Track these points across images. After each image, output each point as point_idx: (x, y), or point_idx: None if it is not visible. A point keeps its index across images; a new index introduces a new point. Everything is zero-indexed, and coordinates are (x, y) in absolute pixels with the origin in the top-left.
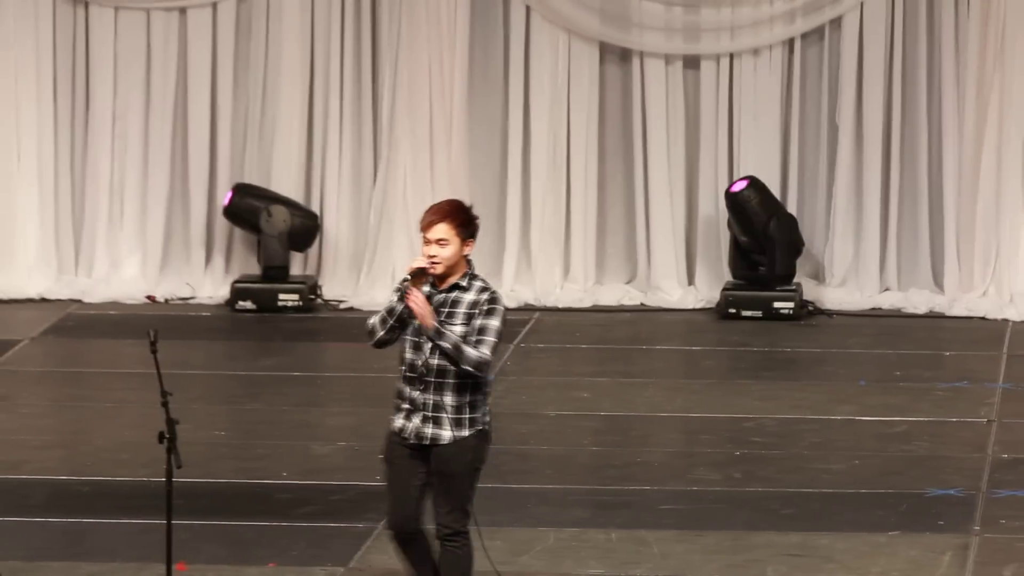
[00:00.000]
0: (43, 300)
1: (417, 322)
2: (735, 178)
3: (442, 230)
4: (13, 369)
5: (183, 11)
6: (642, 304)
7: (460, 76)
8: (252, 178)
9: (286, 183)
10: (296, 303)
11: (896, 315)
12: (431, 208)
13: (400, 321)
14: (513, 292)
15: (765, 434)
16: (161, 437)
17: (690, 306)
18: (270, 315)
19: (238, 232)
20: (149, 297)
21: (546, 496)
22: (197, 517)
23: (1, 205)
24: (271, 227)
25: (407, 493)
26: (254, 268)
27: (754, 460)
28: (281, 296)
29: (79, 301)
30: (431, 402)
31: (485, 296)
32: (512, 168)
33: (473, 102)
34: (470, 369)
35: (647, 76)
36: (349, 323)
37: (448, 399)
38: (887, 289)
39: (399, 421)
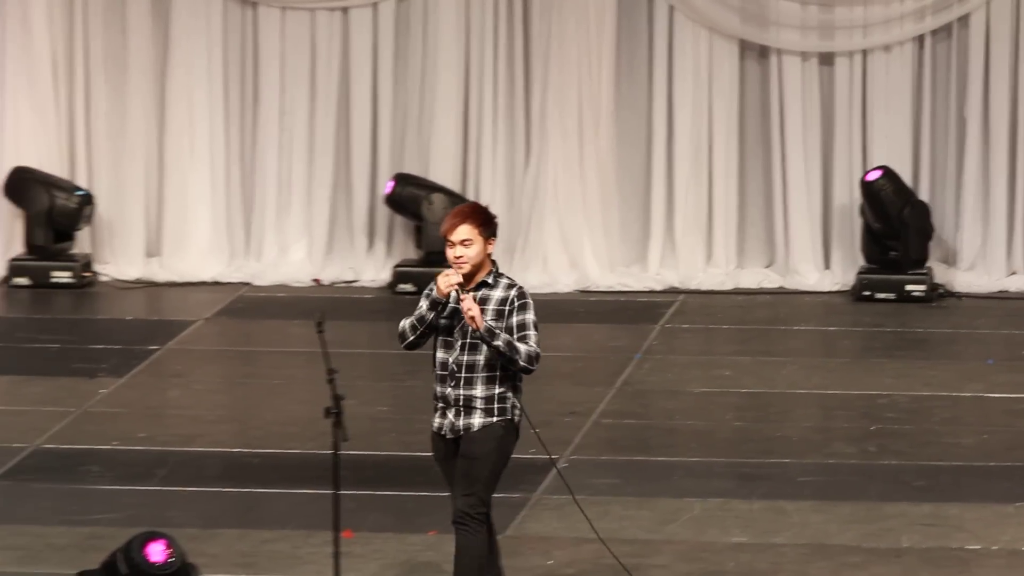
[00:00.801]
0: (216, 283)
1: (452, 323)
2: (868, 168)
3: (465, 231)
4: (188, 348)
5: (345, 11)
6: (781, 287)
7: (607, 71)
8: (411, 168)
9: (443, 172)
10: None
11: (1022, 297)
12: (452, 212)
13: (430, 327)
14: (659, 276)
15: (898, 410)
16: (328, 412)
17: (826, 288)
18: (366, 300)
19: (399, 219)
20: (315, 280)
21: (691, 468)
22: (362, 487)
23: (176, 195)
24: (432, 214)
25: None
26: (413, 253)
27: (888, 435)
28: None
29: (249, 284)
30: (463, 397)
31: (514, 292)
32: (657, 158)
33: (620, 96)
34: (523, 364)
35: (784, 72)
36: None
37: (478, 392)
38: (1014, 272)
39: (437, 420)
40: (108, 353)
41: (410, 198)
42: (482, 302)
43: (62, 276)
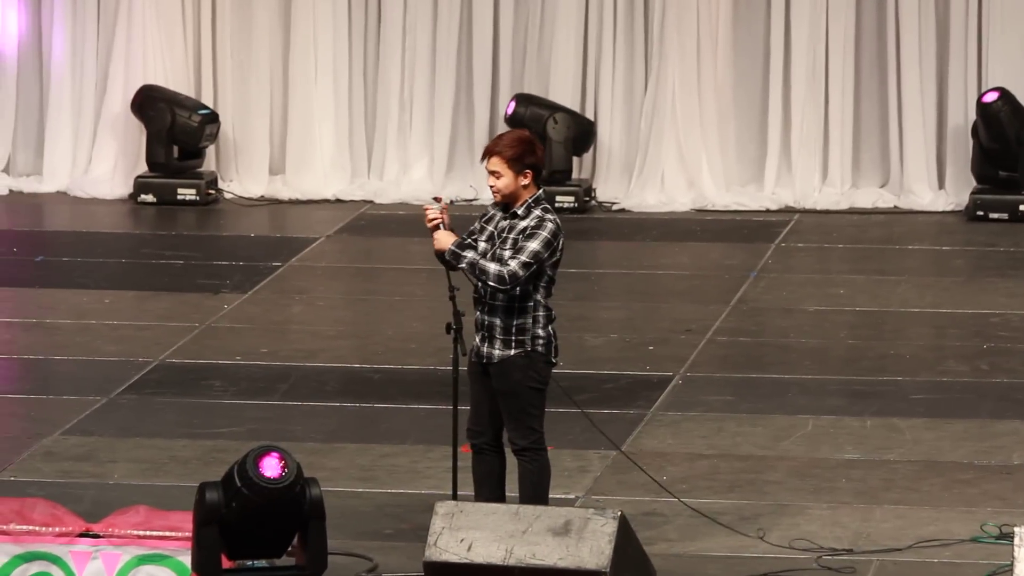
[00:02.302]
0: (338, 201)
1: (489, 247)
2: (983, 88)
3: (494, 163)
4: (310, 265)
5: None
6: (895, 206)
7: None
8: (530, 88)
9: (562, 93)
10: (572, 204)
11: None
12: (492, 141)
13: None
14: (774, 195)
15: (1010, 328)
16: (448, 328)
17: (940, 208)
18: None
19: None
20: (436, 198)
21: (805, 386)
22: None
23: (300, 114)
24: (557, 133)
25: (476, 409)
26: None
27: (1000, 353)
28: (558, 197)
29: (371, 202)
30: (487, 322)
31: (532, 222)
32: (774, 79)
33: (737, 16)
34: (492, 284)
35: None
36: (621, 223)
37: (498, 320)
38: None
39: (475, 341)
40: (232, 270)
41: (533, 118)
42: (509, 231)
43: (187, 193)
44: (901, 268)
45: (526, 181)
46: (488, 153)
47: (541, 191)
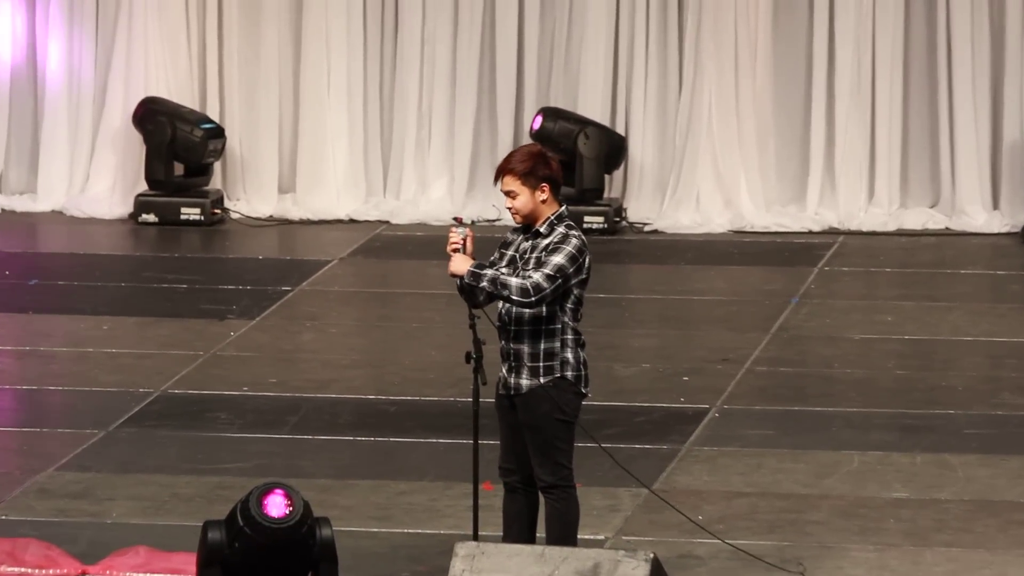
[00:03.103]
0: (352, 221)
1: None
2: None
3: (508, 182)
4: (322, 289)
5: None
6: (946, 228)
7: (765, 1)
8: (558, 101)
9: (591, 106)
10: (601, 225)
11: None
12: (502, 160)
13: (469, 294)
14: (817, 216)
15: None
16: (468, 357)
17: (995, 230)
18: None
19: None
20: (456, 219)
21: (850, 419)
22: None
23: (311, 128)
24: (589, 149)
25: (506, 445)
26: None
27: None
28: (587, 218)
29: (387, 222)
30: (512, 351)
31: (555, 238)
32: (816, 91)
33: (778, 24)
34: (516, 298)
35: (952, 1)
36: (653, 246)
37: (525, 347)
38: None
39: (501, 372)
40: (238, 294)
41: (562, 133)
42: (532, 251)
43: (191, 213)
44: (953, 294)
45: (544, 196)
46: (500, 173)
47: (564, 207)
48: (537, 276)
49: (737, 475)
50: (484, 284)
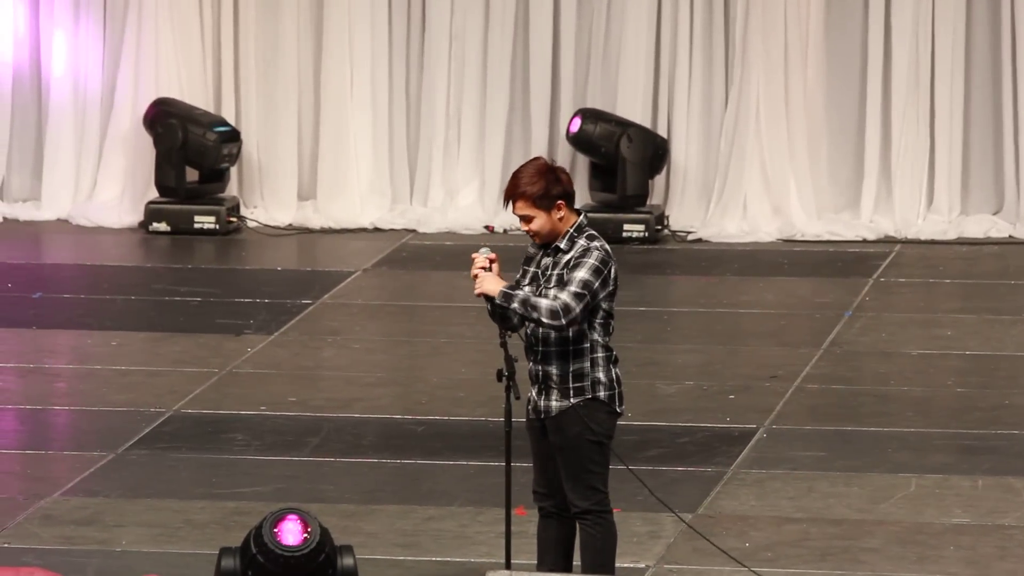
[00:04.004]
0: (376, 230)
1: (535, 289)
2: None
3: (521, 207)
4: (345, 302)
5: None
6: (1010, 236)
7: None
8: (595, 102)
9: (631, 108)
10: (641, 234)
11: None
12: (509, 183)
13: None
14: (872, 223)
15: None
16: (500, 375)
17: None
18: (614, 246)
19: (580, 159)
20: (487, 227)
21: (907, 440)
22: None
23: (334, 132)
24: (632, 153)
25: (540, 468)
26: (588, 196)
27: None
28: (626, 226)
29: (414, 231)
30: (541, 373)
31: (578, 252)
32: (872, 92)
33: (830, 19)
34: (546, 322)
35: None
36: (697, 255)
37: (553, 369)
38: None
39: (531, 393)
40: (256, 308)
41: (604, 135)
42: (553, 267)
43: (205, 221)
44: (1017, 306)
45: (561, 214)
46: (509, 198)
47: (582, 216)
48: (565, 296)
49: (786, 499)
50: (515, 306)
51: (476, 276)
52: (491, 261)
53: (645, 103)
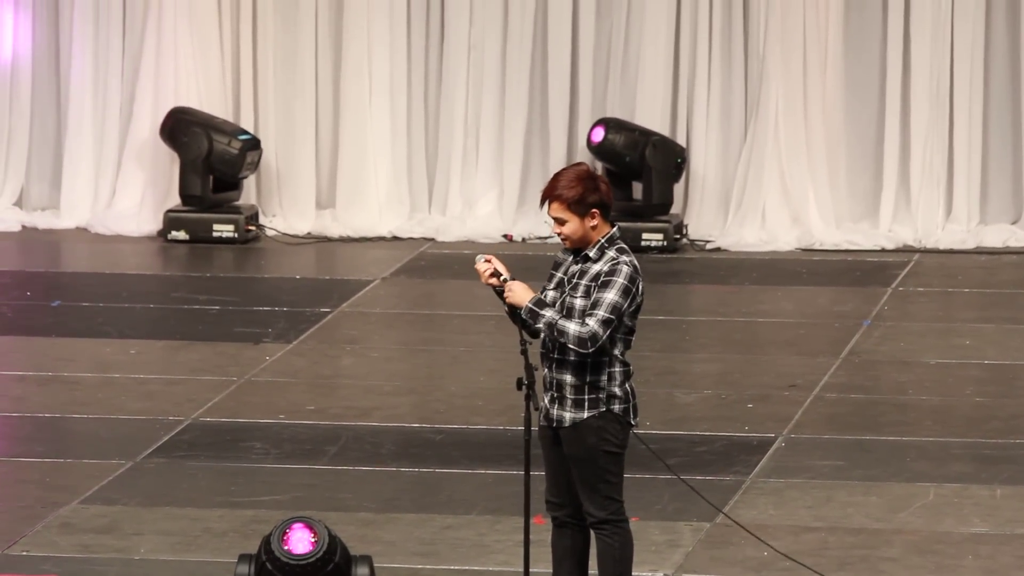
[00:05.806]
0: (395, 239)
1: (557, 295)
2: None
3: (556, 209)
4: (363, 311)
5: None
6: None
7: (836, 2)
8: (614, 111)
9: (650, 117)
10: (660, 243)
11: None
12: (548, 183)
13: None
14: (891, 233)
15: None
16: (520, 384)
17: None
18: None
19: (598, 168)
20: (506, 236)
21: (925, 449)
22: None
23: (352, 141)
24: (657, 161)
25: (553, 477)
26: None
27: None
28: (645, 235)
29: (432, 240)
30: (555, 381)
31: (605, 267)
32: (891, 102)
33: (849, 27)
34: (573, 347)
35: None
36: (716, 264)
37: (568, 378)
38: None
39: (543, 402)
40: (274, 316)
41: (628, 144)
42: (580, 276)
43: (224, 230)
44: None
45: (594, 222)
46: (547, 198)
47: (615, 228)
48: (593, 324)
49: (805, 508)
50: (540, 326)
51: (505, 283)
52: (493, 264)
53: (664, 113)
